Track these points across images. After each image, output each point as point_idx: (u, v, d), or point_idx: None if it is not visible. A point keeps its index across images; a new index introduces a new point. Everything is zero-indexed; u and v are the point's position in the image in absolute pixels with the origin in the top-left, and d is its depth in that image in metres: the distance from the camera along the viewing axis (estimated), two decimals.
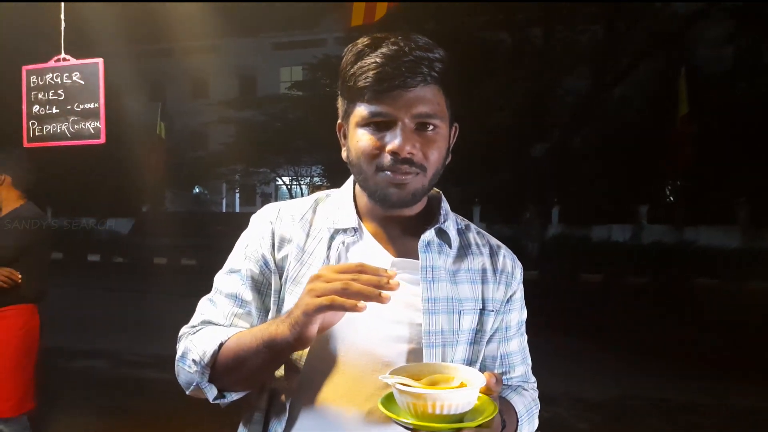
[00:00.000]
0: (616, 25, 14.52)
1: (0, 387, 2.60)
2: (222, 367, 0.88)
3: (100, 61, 2.33)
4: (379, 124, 0.86)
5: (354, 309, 0.73)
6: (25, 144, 2.19)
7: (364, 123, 0.87)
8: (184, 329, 0.98)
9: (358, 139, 0.88)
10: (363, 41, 0.87)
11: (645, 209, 16.90)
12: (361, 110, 0.87)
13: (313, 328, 0.78)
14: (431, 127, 0.87)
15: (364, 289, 0.73)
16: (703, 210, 15.35)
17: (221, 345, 0.87)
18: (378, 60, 0.84)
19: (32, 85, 2.25)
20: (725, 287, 11.28)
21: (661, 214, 16.72)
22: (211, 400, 0.91)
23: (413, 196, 0.90)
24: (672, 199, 18.87)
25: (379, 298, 0.73)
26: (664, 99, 13.37)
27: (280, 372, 0.91)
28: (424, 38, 0.87)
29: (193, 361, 0.89)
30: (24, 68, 2.25)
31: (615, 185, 16.58)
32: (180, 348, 0.94)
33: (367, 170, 0.89)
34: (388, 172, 0.87)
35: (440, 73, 0.86)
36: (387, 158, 0.86)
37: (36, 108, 2.24)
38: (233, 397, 0.91)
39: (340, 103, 0.93)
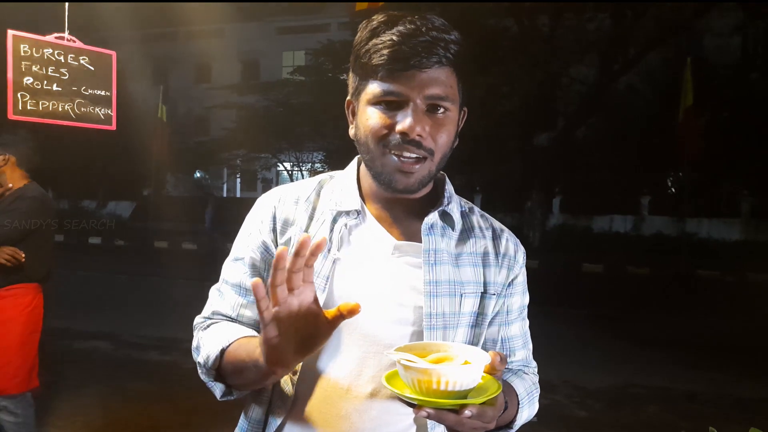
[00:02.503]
0: (624, 14, 14.38)
1: (6, 364, 2.62)
2: (225, 372, 0.88)
3: (113, 53, 2.34)
4: (390, 104, 0.85)
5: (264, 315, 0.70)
6: (10, 116, 2.06)
7: (376, 101, 0.86)
8: (197, 320, 0.99)
9: (368, 117, 0.87)
10: (379, 18, 0.86)
11: (647, 200, 16.89)
12: (374, 88, 0.86)
13: (274, 343, 0.72)
14: (442, 110, 0.86)
15: (276, 255, 0.68)
16: (706, 202, 15.34)
17: (223, 351, 0.87)
18: (394, 38, 0.82)
19: (23, 54, 2.15)
20: (726, 278, 11.30)
21: (662, 206, 16.71)
22: (218, 398, 0.92)
23: (419, 183, 0.90)
24: (674, 190, 18.84)
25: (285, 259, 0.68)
26: (671, 89, 13.28)
27: None
28: (440, 19, 0.85)
29: (199, 363, 0.91)
30: (10, 32, 2.08)
31: (617, 176, 16.55)
32: (194, 340, 0.96)
33: (375, 150, 0.88)
34: (395, 158, 0.86)
35: (455, 56, 0.85)
36: (396, 138, 0.85)
37: (28, 80, 2.14)
38: (241, 394, 0.92)
39: (351, 80, 0.92)
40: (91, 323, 6.07)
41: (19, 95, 2.13)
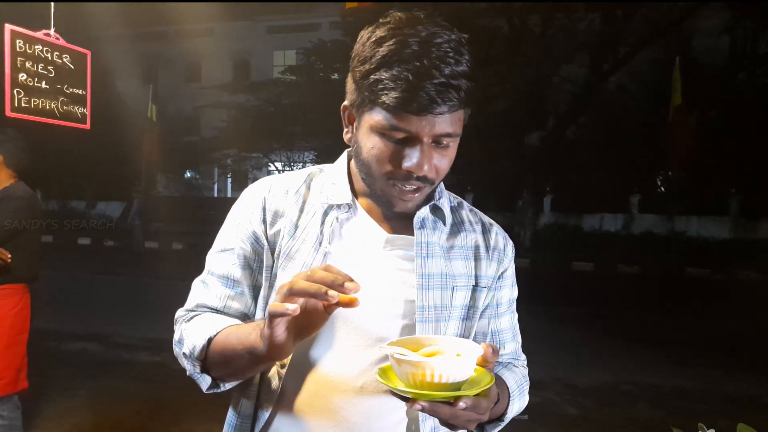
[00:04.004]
0: (614, 14, 14.49)
1: None
2: (211, 362, 0.87)
3: (88, 52, 2.33)
4: (397, 137, 0.83)
5: (287, 312, 0.69)
6: (8, 113, 2.03)
7: (382, 132, 0.83)
8: (179, 312, 0.97)
9: (373, 146, 0.85)
10: (389, 42, 0.80)
11: (637, 199, 17.02)
12: (380, 119, 0.82)
13: (280, 339, 0.73)
14: (446, 142, 0.85)
15: (309, 286, 0.69)
16: (695, 200, 15.47)
17: (210, 340, 0.86)
18: (409, 77, 0.77)
19: (18, 49, 2.10)
20: (715, 276, 11.41)
21: (652, 204, 16.85)
22: (204, 390, 0.91)
23: (416, 206, 0.92)
24: (663, 189, 18.98)
25: (325, 296, 0.68)
26: (660, 89, 13.40)
27: None
28: (451, 38, 0.80)
29: (184, 354, 0.89)
30: (8, 27, 2.05)
31: (608, 175, 16.65)
32: (176, 333, 0.94)
33: (377, 176, 0.87)
34: (398, 186, 0.86)
35: (467, 92, 0.81)
36: (401, 173, 0.84)
37: (23, 76, 2.11)
38: (227, 386, 0.91)
39: (351, 88, 0.88)
40: (80, 324, 6.02)
41: (15, 92, 2.11)
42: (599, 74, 15.20)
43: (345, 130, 0.93)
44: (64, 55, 2.29)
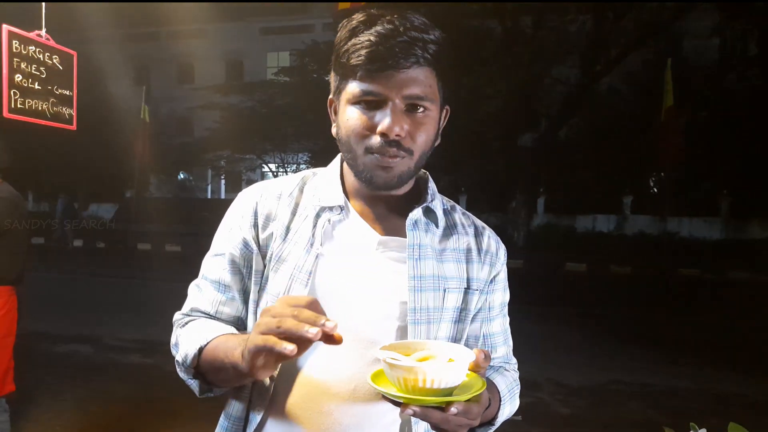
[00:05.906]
0: (605, 16, 14.57)
1: None
2: (203, 370, 0.88)
3: (74, 53, 2.34)
4: (369, 103, 0.85)
5: (284, 353, 0.66)
6: (6, 114, 2.03)
7: (355, 101, 0.86)
8: (176, 316, 0.98)
9: (348, 117, 0.87)
10: (358, 17, 0.86)
11: (629, 200, 17.12)
12: (353, 87, 0.86)
13: (258, 364, 0.71)
14: (421, 109, 0.86)
15: (296, 326, 0.67)
16: (686, 201, 15.58)
17: (201, 349, 0.86)
18: (372, 38, 0.82)
19: (14, 50, 2.11)
20: (706, 276, 11.49)
21: (644, 205, 16.96)
22: (198, 395, 0.91)
23: (399, 179, 0.89)
24: (655, 190, 19.10)
25: (307, 335, 0.66)
26: (651, 90, 13.49)
27: None
28: (420, 18, 0.85)
29: (177, 361, 0.91)
30: (5, 27, 2.06)
31: (600, 175, 16.75)
32: (173, 336, 0.95)
33: (356, 150, 0.88)
34: (376, 155, 0.86)
35: (434, 55, 0.84)
36: (376, 139, 0.85)
37: (18, 77, 2.11)
38: (221, 391, 0.91)
39: (333, 79, 0.92)
40: (71, 326, 5.97)
41: (11, 92, 2.10)
42: (591, 75, 15.28)
43: (332, 125, 0.94)
44: (54, 56, 2.28)
